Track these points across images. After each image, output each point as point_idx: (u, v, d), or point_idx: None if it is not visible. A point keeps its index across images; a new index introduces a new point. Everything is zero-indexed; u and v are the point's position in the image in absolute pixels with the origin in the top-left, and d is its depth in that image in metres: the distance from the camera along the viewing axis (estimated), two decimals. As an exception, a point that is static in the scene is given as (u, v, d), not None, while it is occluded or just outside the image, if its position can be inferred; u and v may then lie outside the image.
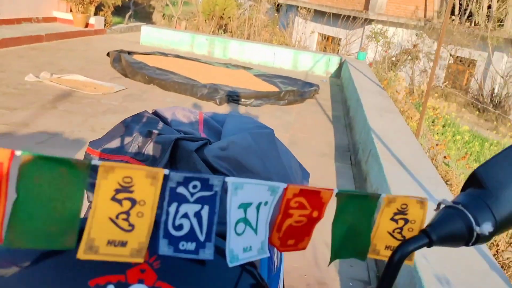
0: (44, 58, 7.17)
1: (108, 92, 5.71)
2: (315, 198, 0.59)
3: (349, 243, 0.65)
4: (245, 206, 0.53)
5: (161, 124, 1.27)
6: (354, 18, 13.13)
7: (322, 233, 1.26)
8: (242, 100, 6.00)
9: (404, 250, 0.60)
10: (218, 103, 5.80)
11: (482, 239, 0.61)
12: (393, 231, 0.65)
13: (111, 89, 5.84)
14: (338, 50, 13.33)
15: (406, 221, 0.65)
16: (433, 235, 0.60)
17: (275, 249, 1.25)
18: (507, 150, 0.65)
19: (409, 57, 12.83)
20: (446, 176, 4.56)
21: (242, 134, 1.25)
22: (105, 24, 10.87)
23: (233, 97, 5.99)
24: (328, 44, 14.82)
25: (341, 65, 9.42)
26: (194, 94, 5.97)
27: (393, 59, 12.79)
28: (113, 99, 5.47)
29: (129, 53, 7.72)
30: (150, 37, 10.05)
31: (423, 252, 2.23)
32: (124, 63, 6.82)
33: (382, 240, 0.65)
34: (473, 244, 0.62)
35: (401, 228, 0.65)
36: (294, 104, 6.55)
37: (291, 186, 0.56)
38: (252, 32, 12.16)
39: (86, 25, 10.39)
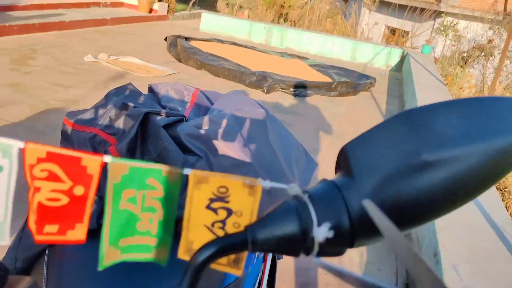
0: (105, 41, 7.44)
1: (159, 75, 5.81)
2: (76, 168, 0.41)
3: (136, 239, 0.46)
4: None
5: (142, 98, 1.20)
6: (422, 9, 12.43)
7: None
8: (291, 89, 5.85)
9: (208, 251, 0.42)
10: (265, 91, 5.70)
11: (327, 248, 0.41)
12: (213, 225, 0.46)
13: (162, 73, 5.93)
14: (405, 43, 12.70)
15: (230, 212, 0.46)
16: (249, 236, 0.42)
17: None
18: (384, 124, 0.45)
19: (483, 53, 11.93)
20: (504, 183, 4.16)
21: (225, 113, 1.14)
22: (168, 10, 11.10)
23: (281, 86, 5.85)
24: (393, 36, 14.19)
25: (403, 58, 8.95)
26: (243, 81, 5.91)
27: (465, 55, 11.95)
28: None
29: (186, 38, 7.80)
30: (210, 24, 10.13)
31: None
32: (179, 48, 6.91)
33: (198, 236, 0.46)
34: (320, 255, 0.42)
35: (223, 222, 0.46)
36: (346, 96, 6.29)
37: (30, 146, 0.40)
38: (313, 22, 11.88)
39: (150, 11, 10.67)
